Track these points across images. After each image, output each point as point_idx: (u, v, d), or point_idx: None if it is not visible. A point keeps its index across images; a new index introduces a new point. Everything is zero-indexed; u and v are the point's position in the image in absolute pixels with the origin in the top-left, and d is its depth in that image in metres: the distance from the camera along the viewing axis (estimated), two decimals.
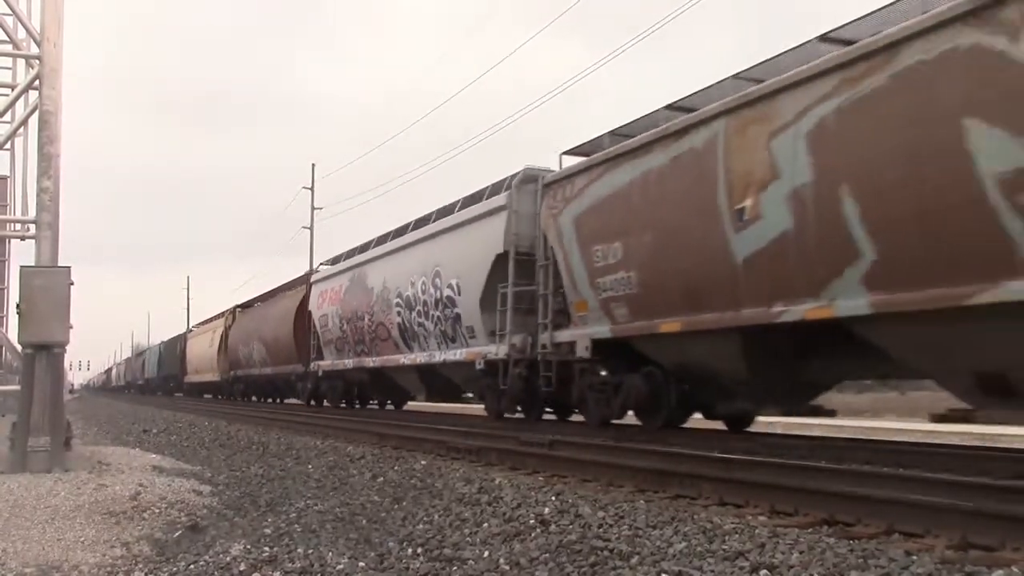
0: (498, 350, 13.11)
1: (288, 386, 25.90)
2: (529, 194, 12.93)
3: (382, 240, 18.41)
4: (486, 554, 4.35)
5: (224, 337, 32.12)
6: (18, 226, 9.73)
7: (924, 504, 4.93)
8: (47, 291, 7.80)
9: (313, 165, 43.56)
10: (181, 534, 5.23)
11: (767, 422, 13.25)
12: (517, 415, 13.84)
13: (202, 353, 35.74)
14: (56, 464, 7.50)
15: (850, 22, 7.91)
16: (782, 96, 8.05)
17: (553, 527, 4.93)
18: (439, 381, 16.61)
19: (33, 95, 8.55)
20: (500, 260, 13.18)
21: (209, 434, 14.16)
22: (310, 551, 4.44)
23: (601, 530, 4.80)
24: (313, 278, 23.10)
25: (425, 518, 5.50)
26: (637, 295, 10.06)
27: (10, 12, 8.53)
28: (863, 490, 5.38)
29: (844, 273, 7.43)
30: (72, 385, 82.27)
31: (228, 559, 4.30)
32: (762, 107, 8.30)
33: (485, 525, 5.12)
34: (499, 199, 13.46)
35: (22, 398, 7.80)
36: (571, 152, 12.11)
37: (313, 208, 42.85)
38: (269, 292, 29.89)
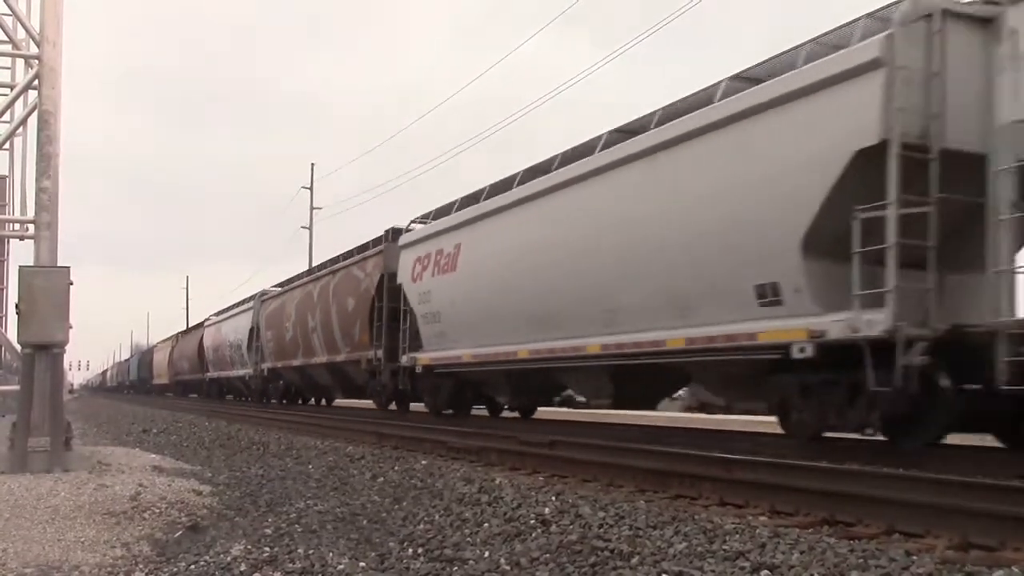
0: (252, 371, 29.05)
1: (199, 387, 39.52)
2: (260, 302, 28.56)
3: (233, 307, 34.13)
4: (487, 554, 4.35)
5: (171, 352, 46.51)
6: (17, 226, 9.73)
7: (925, 504, 4.93)
8: (46, 291, 7.79)
9: (312, 165, 43.92)
10: (181, 534, 5.23)
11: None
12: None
13: (160, 363, 50.25)
14: (56, 464, 7.49)
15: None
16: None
17: (554, 527, 4.93)
18: (246, 384, 31.03)
19: (32, 95, 8.54)
20: (252, 331, 28.92)
21: (209, 434, 14.16)
22: (311, 551, 4.43)
23: (602, 530, 4.80)
24: (205, 324, 38.68)
25: (426, 518, 5.50)
26: (274, 350, 25.99)
27: (9, 12, 8.53)
28: (863, 490, 5.39)
29: (299, 351, 23.24)
30: (72, 385, 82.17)
31: (228, 559, 4.30)
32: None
33: (486, 525, 5.12)
34: (251, 303, 29.70)
35: (22, 398, 7.80)
36: (277, 285, 28.42)
37: (312, 208, 42.93)
38: (194, 326, 44.22)
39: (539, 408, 16.49)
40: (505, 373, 13.44)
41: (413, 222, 16.85)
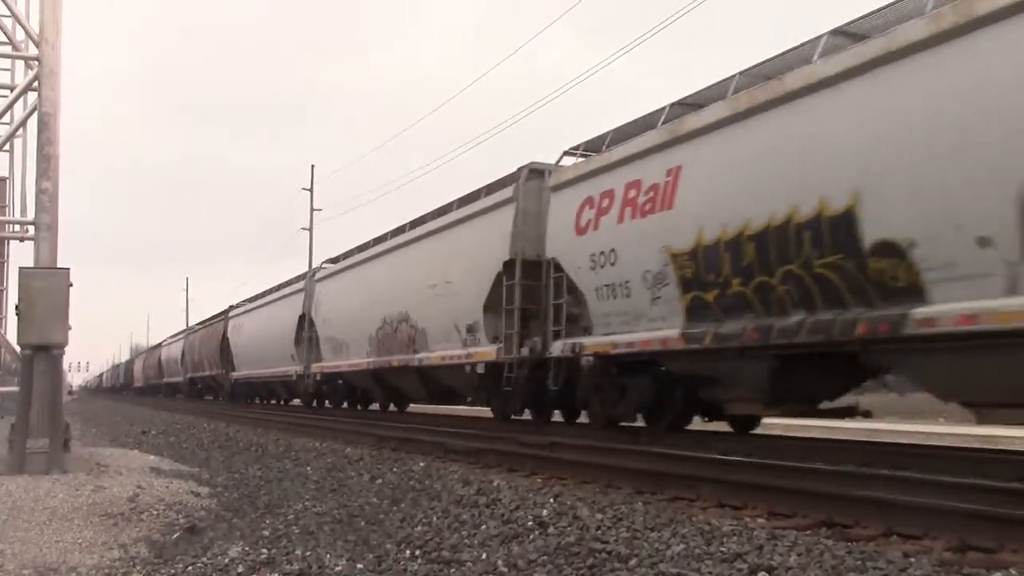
0: (182, 378, 41.47)
1: (160, 388, 50.44)
2: (187, 334, 42.91)
3: (177, 334, 47.79)
4: (484, 556, 4.35)
5: (144, 362, 61.30)
6: (17, 227, 9.74)
7: (922, 506, 4.93)
8: (46, 292, 7.79)
9: (313, 166, 44.07)
10: (179, 536, 5.23)
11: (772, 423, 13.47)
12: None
13: (138, 370, 64.37)
14: (54, 466, 7.49)
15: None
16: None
17: (551, 529, 4.93)
18: (181, 385, 42.09)
19: (32, 96, 8.55)
20: (183, 352, 41.57)
21: (208, 435, 14.15)
22: (308, 553, 4.43)
23: (599, 532, 4.79)
24: (163, 344, 51.71)
25: (423, 520, 5.49)
26: (192, 365, 39.31)
27: (9, 14, 8.54)
28: (861, 492, 5.39)
29: (200, 367, 37.08)
30: (71, 386, 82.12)
31: (226, 561, 4.29)
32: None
33: (483, 527, 5.11)
34: (184, 333, 44.58)
35: (21, 400, 7.80)
36: (198, 323, 43.28)
37: (312, 209, 43.01)
38: (155, 344, 58.68)
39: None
40: (259, 383, 28.69)
41: (240, 302, 32.26)
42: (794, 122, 7.92)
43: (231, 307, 32.72)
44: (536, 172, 12.66)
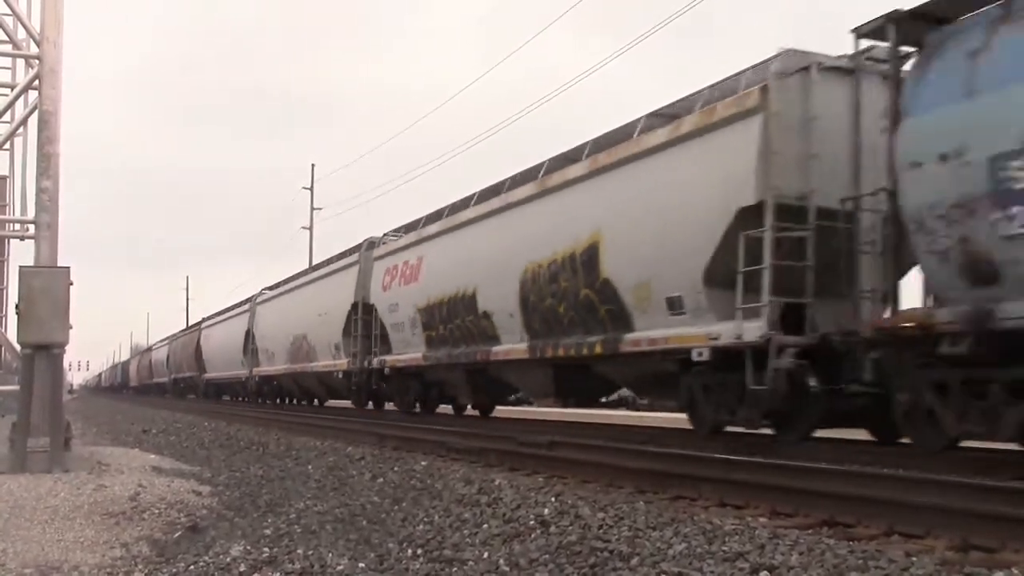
0: (167, 379, 46.59)
1: (151, 387, 55.51)
2: (171, 340, 48.47)
3: (162, 340, 54.39)
4: (486, 555, 4.35)
5: (137, 364, 67.21)
6: (17, 226, 9.75)
7: (924, 505, 4.93)
8: (46, 291, 7.79)
9: (313, 165, 44.13)
10: (181, 535, 5.24)
11: None
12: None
13: (132, 370, 70.52)
14: (56, 464, 7.50)
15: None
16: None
17: (553, 528, 4.93)
18: (167, 385, 46.73)
19: (32, 95, 8.55)
20: (167, 356, 47.62)
21: (209, 434, 14.15)
22: (310, 552, 4.43)
23: (601, 531, 4.79)
24: (153, 348, 57.58)
25: (425, 519, 5.49)
26: (173, 368, 45.31)
27: (10, 12, 8.54)
28: (864, 491, 5.38)
29: (181, 370, 42.04)
30: (71, 385, 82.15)
31: (228, 560, 4.30)
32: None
33: (485, 526, 5.11)
34: (167, 340, 50.65)
35: (21, 398, 7.80)
36: (184, 329, 48.81)
37: (312, 208, 43.07)
38: (147, 348, 66.20)
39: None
40: (223, 383, 33.59)
41: (210, 315, 36.92)
42: (456, 241, 14.62)
43: (203, 319, 38.95)
44: (372, 243, 18.86)
